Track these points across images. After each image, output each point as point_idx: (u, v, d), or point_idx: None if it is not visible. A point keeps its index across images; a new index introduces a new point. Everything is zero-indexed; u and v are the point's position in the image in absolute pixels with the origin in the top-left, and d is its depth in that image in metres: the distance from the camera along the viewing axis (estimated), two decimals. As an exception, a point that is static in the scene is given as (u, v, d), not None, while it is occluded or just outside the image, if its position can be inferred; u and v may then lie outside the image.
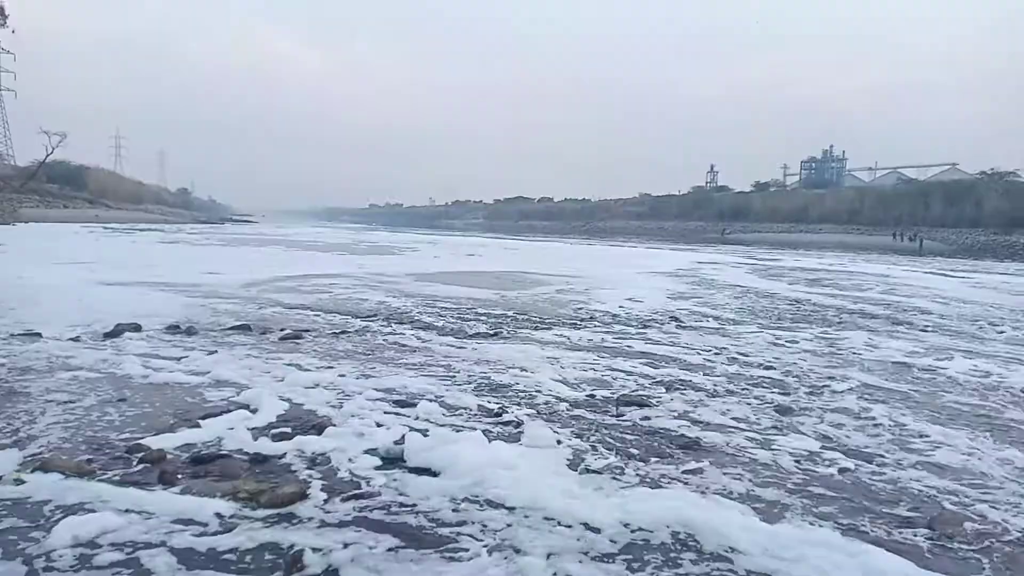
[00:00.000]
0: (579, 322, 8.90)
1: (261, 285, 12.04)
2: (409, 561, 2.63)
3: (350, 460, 3.64)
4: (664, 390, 5.41)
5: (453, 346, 6.95)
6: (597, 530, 2.92)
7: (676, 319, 9.43)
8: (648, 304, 11.06)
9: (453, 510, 3.09)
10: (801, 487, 3.52)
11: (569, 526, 2.95)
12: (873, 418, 4.78)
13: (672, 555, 2.77)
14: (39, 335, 6.59)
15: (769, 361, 6.70)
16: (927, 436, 4.41)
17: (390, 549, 2.73)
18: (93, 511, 2.90)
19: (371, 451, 3.78)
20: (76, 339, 6.54)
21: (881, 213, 62.23)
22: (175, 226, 48.52)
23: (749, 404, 5.07)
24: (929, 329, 9.25)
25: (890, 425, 4.63)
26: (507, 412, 4.64)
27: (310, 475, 3.43)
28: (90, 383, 5.04)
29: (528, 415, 4.59)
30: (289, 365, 5.79)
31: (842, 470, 3.77)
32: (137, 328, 7.12)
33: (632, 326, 8.69)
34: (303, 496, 3.13)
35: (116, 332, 6.87)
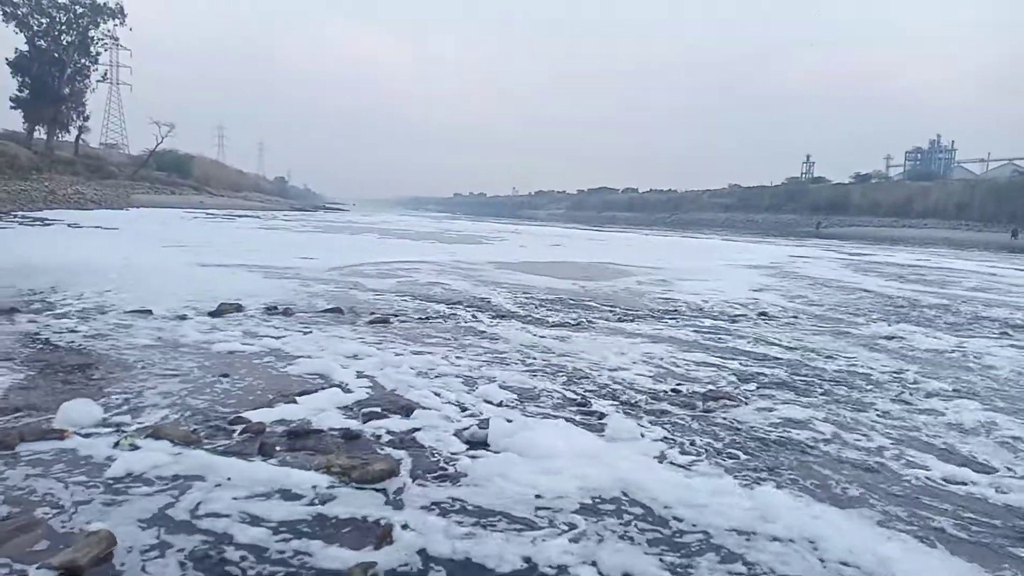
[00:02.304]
0: (664, 314, 8.75)
1: (352, 270, 12.47)
2: (491, 541, 2.68)
3: (437, 441, 3.73)
4: (754, 386, 5.25)
5: (536, 335, 6.97)
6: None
7: (765, 314, 9.13)
8: (735, 297, 10.75)
9: (535, 495, 3.11)
10: (889, 491, 3.35)
11: (660, 520, 2.93)
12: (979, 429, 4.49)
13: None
14: (150, 312, 7.07)
15: (864, 359, 6.37)
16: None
17: (473, 528, 2.78)
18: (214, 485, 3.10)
19: (456, 434, 3.87)
20: (183, 317, 6.97)
21: (993, 208, 57.92)
22: (271, 213, 50.72)
23: (842, 402, 4.85)
24: None
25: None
26: (590, 402, 4.63)
27: (399, 454, 3.54)
28: (196, 358, 5.37)
29: (611, 406, 4.56)
30: (378, 347, 5.97)
31: (947, 479, 3.56)
32: (239, 308, 7.52)
33: (719, 320, 8.47)
34: (392, 473, 3.23)
35: (219, 311, 7.28)
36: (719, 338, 7.21)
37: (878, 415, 4.62)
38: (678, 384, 5.21)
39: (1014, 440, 4.19)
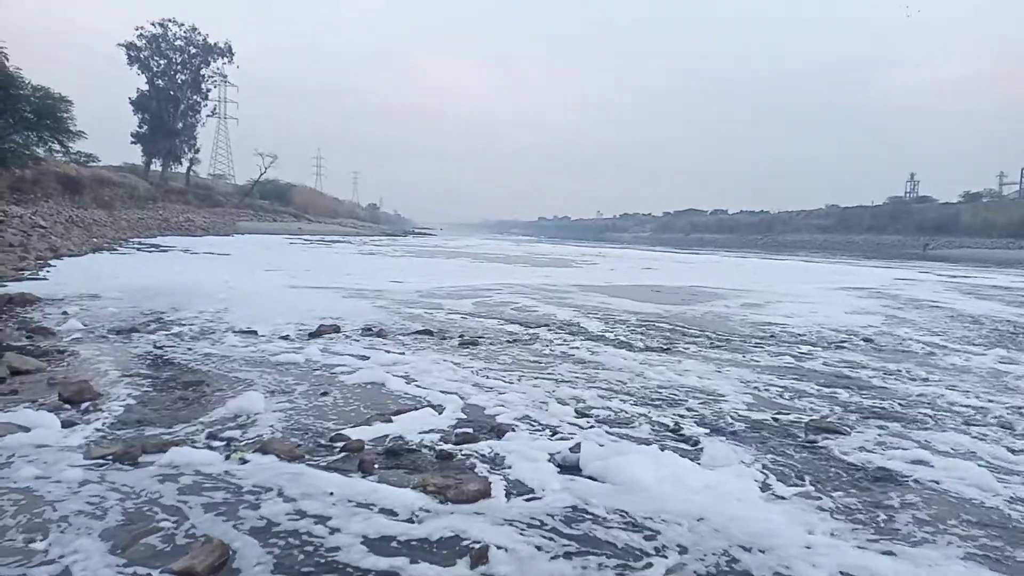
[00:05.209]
0: (760, 340, 8.45)
1: (440, 293, 12.74)
2: (583, 566, 2.65)
3: (529, 464, 3.73)
4: (859, 417, 4.98)
5: (625, 359, 6.87)
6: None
7: (870, 340, 8.65)
8: (837, 322, 10.25)
9: (628, 522, 3.06)
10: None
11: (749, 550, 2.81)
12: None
13: None
14: (255, 332, 7.45)
15: (985, 391, 5.92)
16: None
17: (569, 553, 2.76)
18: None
19: (548, 457, 3.85)
20: (286, 337, 7.31)
21: None
22: (362, 238, 52.54)
23: (961, 437, 4.51)
24: None
25: None
26: (684, 428, 4.51)
27: (492, 475, 3.56)
28: (300, 377, 5.61)
29: (707, 433, 4.43)
30: (468, 369, 6.06)
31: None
32: (336, 329, 7.82)
33: (819, 346, 8.10)
34: (486, 494, 3.25)
35: (318, 332, 7.59)
36: (818, 365, 6.89)
37: (993, 448, 4.28)
38: (777, 413, 5.01)
39: None
